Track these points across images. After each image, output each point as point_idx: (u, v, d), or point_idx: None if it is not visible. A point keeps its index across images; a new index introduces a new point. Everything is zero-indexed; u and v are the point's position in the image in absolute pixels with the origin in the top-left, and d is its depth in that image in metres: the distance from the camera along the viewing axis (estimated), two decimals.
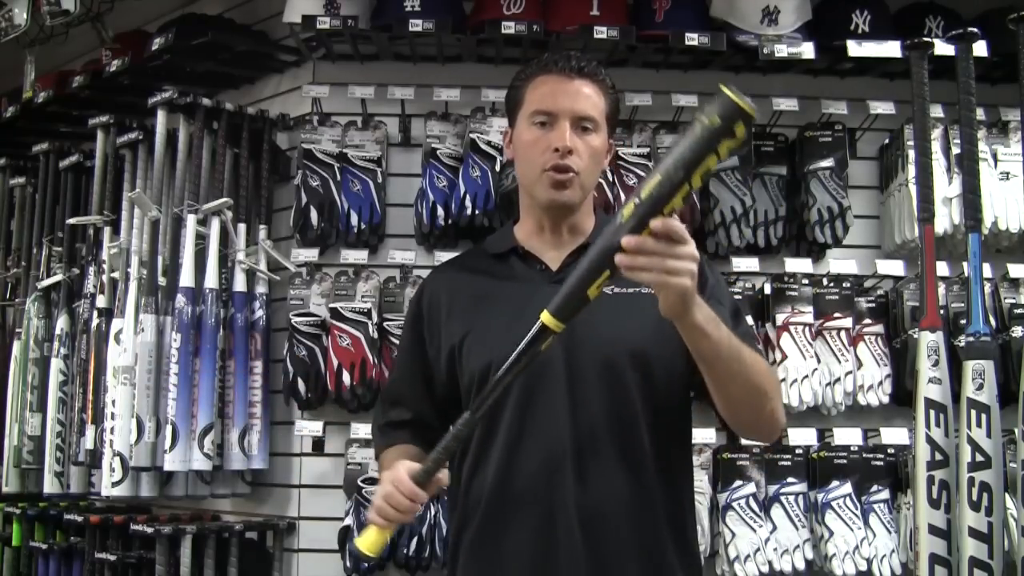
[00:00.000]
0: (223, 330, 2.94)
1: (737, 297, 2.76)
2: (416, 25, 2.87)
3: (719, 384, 1.62)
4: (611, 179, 2.91)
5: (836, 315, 2.91)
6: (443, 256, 2.93)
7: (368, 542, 1.62)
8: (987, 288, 2.77)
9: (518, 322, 1.64)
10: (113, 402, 2.91)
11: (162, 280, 2.98)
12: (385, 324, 2.92)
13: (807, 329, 2.88)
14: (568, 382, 1.71)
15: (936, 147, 2.86)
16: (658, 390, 1.73)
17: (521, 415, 1.71)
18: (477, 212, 2.88)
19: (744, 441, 2.80)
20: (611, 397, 1.71)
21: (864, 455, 2.84)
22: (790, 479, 2.82)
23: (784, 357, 2.84)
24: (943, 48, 2.52)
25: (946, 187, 2.88)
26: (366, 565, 1.59)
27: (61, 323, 3.34)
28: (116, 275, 3.15)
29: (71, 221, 3.41)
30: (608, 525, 1.67)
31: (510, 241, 1.88)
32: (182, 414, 2.81)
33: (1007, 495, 2.28)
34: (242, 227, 3.03)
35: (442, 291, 1.87)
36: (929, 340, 2.31)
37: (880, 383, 2.88)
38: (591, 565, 1.66)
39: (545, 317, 1.50)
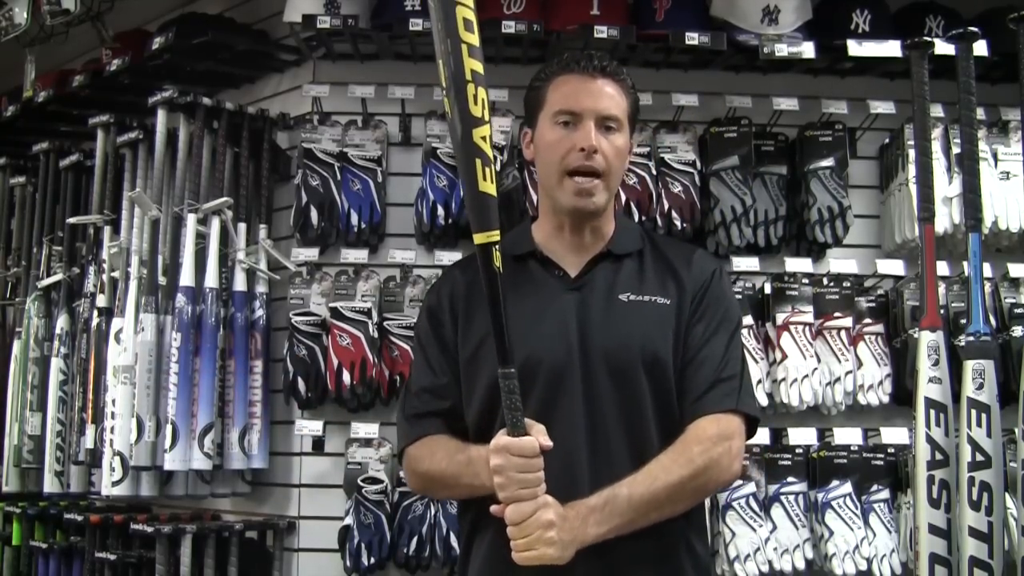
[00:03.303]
0: (223, 329, 2.94)
1: (737, 297, 2.74)
2: (416, 24, 2.86)
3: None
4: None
5: (836, 315, 2.91)
6: (443, 256, 2.93)
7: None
8: (987, 288, 2.78)
9: (534, 331, 1.65)
10: (113, 401, 2.91)
11: (162, 279, 2.98)
12: (385, 323, 2.92)
13: (807, 329, 2.88)
14: (584, 385, 1.71)
15: (936, 147, 2.86)
16: (668, 393, 1.74)
17: (541, 420, 1.67)
18: None
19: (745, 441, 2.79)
20: (623, 399, 1.71)
21: (864, 455, 2.84)
22: (790, 479, 2.82)
23: (784, 357, 2.84)
24: (943, 48, 2.51)
25: (946, 187, 2.88)
26: None
27: (61, 322, 3.34)
28: (116, 274, 3.15)
29: (71, 220, 3.41)
30: None
31: (528, 243, 1.84)
32: (182, 413, 2.81)
33: (1007, 495, 2.27)
34: (242, 226, 3.03)
35: (460, 290, 1.82)
36: (929, 340, 2.31)
37: (880, 383, 2.89)
38: (603, 565, 1.66)
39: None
